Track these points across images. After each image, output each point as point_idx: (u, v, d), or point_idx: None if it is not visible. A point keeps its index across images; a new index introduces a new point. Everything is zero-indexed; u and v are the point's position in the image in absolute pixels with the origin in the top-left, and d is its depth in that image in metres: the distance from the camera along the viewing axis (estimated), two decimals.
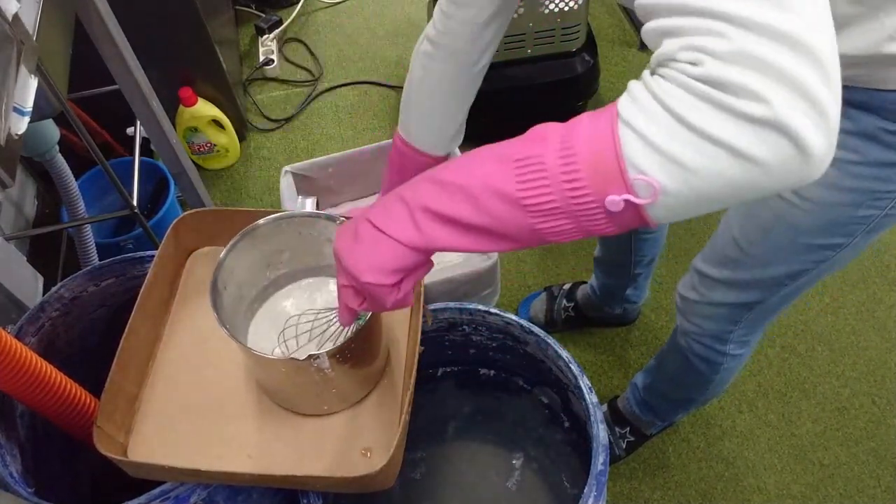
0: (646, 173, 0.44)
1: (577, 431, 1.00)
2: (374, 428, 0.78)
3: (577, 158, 0.46)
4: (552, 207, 0.48)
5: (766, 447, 1.39)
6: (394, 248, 0.53)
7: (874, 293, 1.60)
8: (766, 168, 0.42)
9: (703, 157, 0.43)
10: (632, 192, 0.45)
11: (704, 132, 0.42)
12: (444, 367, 1.06)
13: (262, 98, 2.06)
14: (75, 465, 0.95)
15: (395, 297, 0.56)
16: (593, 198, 0.47)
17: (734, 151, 0.42)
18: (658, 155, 0.44)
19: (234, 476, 0.72)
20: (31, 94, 0.76)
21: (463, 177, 0.51)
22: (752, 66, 0.40)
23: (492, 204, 0.49)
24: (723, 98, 0.41)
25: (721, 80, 0.41)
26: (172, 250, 0.86)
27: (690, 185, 0.44)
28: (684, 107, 0.43)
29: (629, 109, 0.46)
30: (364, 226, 0.55)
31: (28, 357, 0.74)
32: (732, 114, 0.41)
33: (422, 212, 0.52)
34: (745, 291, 0.93)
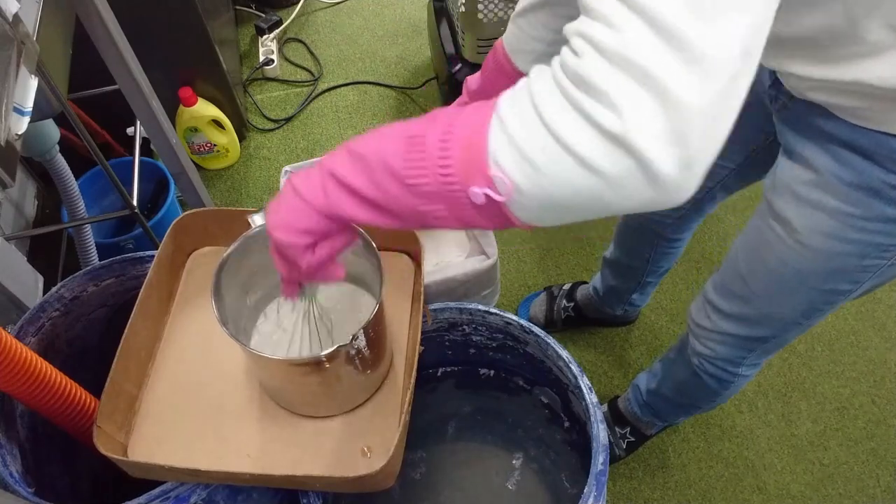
0: (503, 170, 0.45)
1: (577, 431, 1.00)
2: (374, 428, 0.78)
3: (452, 144, 0.47)
4: (429, 190, 0.49)
5: (766, 447, 1.39)
6: (303, 209, 0.54)
7: (874, 293, 1.60)
8: (611, 184, 0.41)
9: (553, 160, 0.42)
10: (492, 187, 0.45)
11: (558, 135, 0.42)
12: (444, 367, 1.06)
13: (262, 98, 2.06)
14: (75, 465, 0.95)
15: (307, 258, 0.57)
16: (460, 186, 0.47)
17: (581, 160, 0.41)
18: (516, 152, 0.44)
19: (234, 476, 0.72)
20: (31, 94, 0.76)
21: (367, 147, 0.51)
22: (626, 69, 0.39)
23: (382, 178, 0.50)
24: (582, 101, 0.40)
25: (590, 79, 0.40)
26: (172, 250, 0.86)
27: (541, 187, 0.44)
28: (547, 105, 0.42)
29: (506, 101, 0.46)
30: (286, 186, 0.57)
31: (28, 357, 0.74)
32: (588, 121, 0.40)
33: (330, 178, 0.53)
34: (757, 327, 0.91)
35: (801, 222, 0.76)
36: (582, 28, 0.41)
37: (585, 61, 0.40)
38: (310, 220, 0.55)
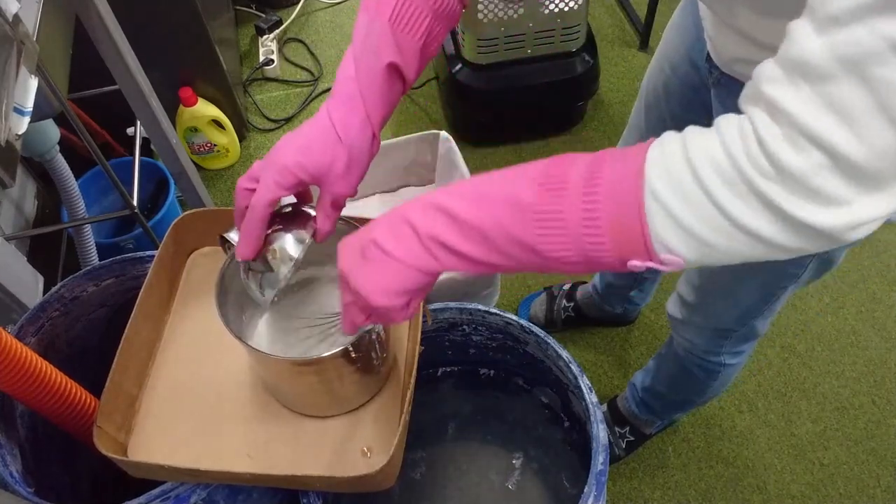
0: (672, 251, 0.44)
1: (577, 431, 1.00)
2: (374, 428, 0.78)
3: (599, 223, 0.45)
4: (572, 259, 0.48)
5: (766, 447, 1.39)
6: (405, 272, 0.52)
7: (874, 293, 1.60)
8: (789, 252, 0.43)
9: (731, 241, 0.43)
10: (657, 261, 0.45)
11: (739, 223, 0.42)
12: (444, 367, 1.06)
13: (262, 98, 2.06)
14: (75, 465, 0.95)
15: (405, 314, 0.55)
16: (615, 260, 0.46)
17: (763, 241, 0.42)
18: (687, 235, 0.43)
19: (234, 476, 0.72)
20: (31, 94, 0.76)
21: (478, 217, 0.49)
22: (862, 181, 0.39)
23: (509, 248, 0.49)
24: (778, 197, 0.40)
25: (813, 184, 0.39)
26: (172, 250, 0.86)
27: (712, 258, 0.45)
28: (721, 191, 0.41)
29: (659, 180, 0.44)
30: (371, 248, 0.53)
31: (28, 357, 0.74)
32: (778, 214, 0.41)
33: (435, 243, 0.50)
34: (720, 317, 0.94)
35: None
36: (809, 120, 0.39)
37: (813, 166, 0.39)
38: (414, 282, 0.53)
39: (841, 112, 0.37)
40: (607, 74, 2.01)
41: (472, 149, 1.86)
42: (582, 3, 1.57)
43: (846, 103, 0.37)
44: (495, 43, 1.64)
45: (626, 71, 2.05)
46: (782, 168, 0.39)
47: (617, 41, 2.15)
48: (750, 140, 0.41)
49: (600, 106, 1.95)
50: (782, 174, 0.40)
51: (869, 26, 0.35)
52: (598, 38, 1.79)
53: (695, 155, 0.43)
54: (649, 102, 1.00)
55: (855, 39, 0.36)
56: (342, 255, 0.56)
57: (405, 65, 0.59)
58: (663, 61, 0.94)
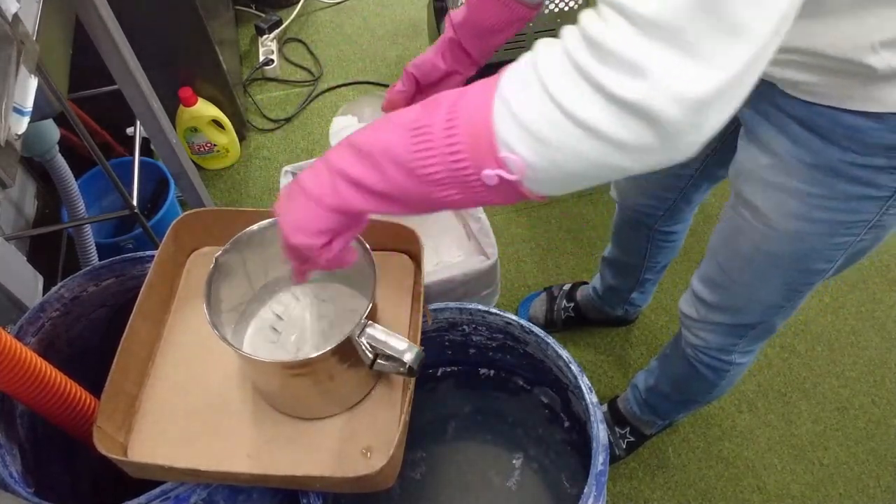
0: (514, 150, 0.45)
1: (577, 431, 1.00)
2: (374, 428, 0.78)
3: (458, 130, 0.47)
4: (440, 178, 0.49)
5: (766, 447, 1.39)
6: (316, 210, 0.55)
7: (874, 293, 1.60)
8: (626, 150, 0.42)
9: (565, 135, 0.43)
10: (504, 167, 0.46)
11: (570, 111, 0.42)
12: (444, 367, 1.06)
13: (262, 98, 2.06)
14: (75, 465, 0.95)
15: (326, 255, 0.58)
16: (472, 170, 0.47)
17: (595, 133, 0.42)
18: (525, 131, 0.44)
19: (234, 476, 0.72)
20: (31, 94, 0.76)
21: (372, 142, 0.52)
22: (658, 36, 0.39)
23: (392, 171, 0.50)
24: (598, 72, 0.40)
25: (613, 46, 0.40)
26: (172, 250, 0.86)
27: (554, 161, 0.44)
28: (556, 80, 0.42)
29: (508, 80, 0.46)
30: (294, 187, 0.57)
31: (28, 357, 0.74)
32: (602, 92, 0.41)
33: (338, 176, 0.53)
34: (742, 314, 0.93)
35: (768, 206, 0.77)
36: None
37: (612, 30, 0.40)
38: (325, 220, 0.55)
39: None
40: None
41: None
42: (582, 3, 1.57)
43: None
44: None
45: None
46: (591, 40, 0.41)
47: None
48: (578, 28, 0.43)
49: None
50: (593, 47, 0.41)
51: None
52: None
53: (539, 52, 0.45)
54: None
55: None
56: (279, 199, 0.59)
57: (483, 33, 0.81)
58: None
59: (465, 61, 0.82)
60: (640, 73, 0.39)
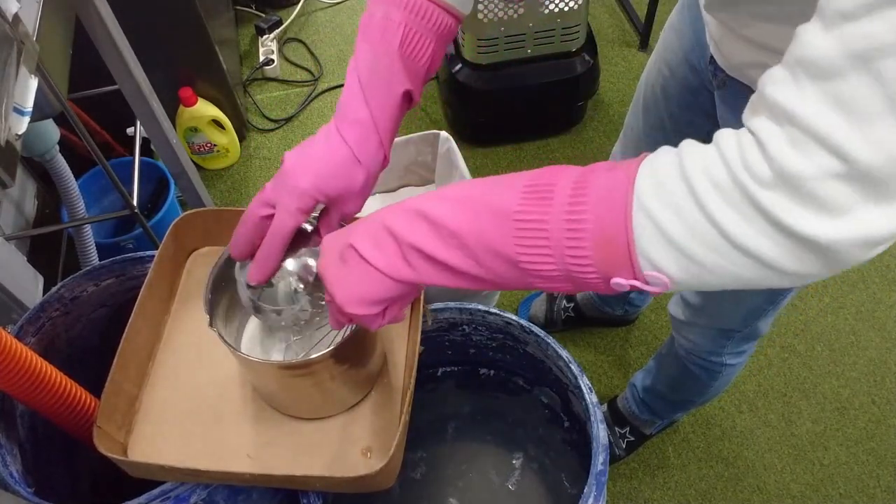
0: (659, 268, 0.41)
1: (577, 431, 1.00)
2: (374, 428, 0.78)
3: (584, 234, 0.42)
4: (554, 275, 0.45)
5: (766, 447, 1.39)
6: (381, 282, 0.50)
7: (874, 293, 1.60)
8: (787, 275, 0.40)
9: (724, 259, 0.39)
10: (643, 280, 0.42)
11: (734, 239, 0.38)
12: (444, 367, 1.06)
13: (262, 98, 2.06)
14: (75, 465, 0.95)
15: (379, 322, 0.54)
16: (598, 276, 0.43)
17: (760, 260, 0.39)
18: (675, 252, 0.40)
19: (234, 476, 0.72)
20: (31, 94, 0.76)
21: (458, 222, 0.46)
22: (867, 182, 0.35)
23: (488, 259, 0.46)
24: (774, 205, 0.37)
25: (812, 189, 0.36)
26: (172, 250, 0.86)
27: (704, 280, 0.41)
28: (718, 206, 0.38)
29: (649, 192, 0.41)
30: (350, 253, 0.51)
31: (28, 357, 0.74)
32: (775, 226, 0.37)
33: (414, 251, 0.48)
34: (724, 318, 0.93)
35: None
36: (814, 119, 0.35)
37: (815, 167, 0.36)
38: (390, 291, 0.51)
39: (848, 109, 0.34)
40: (607, 74, 2.01)
41: (472, 149, 1.86)
42: (582, 3, 1.57)
43: (854, 100, 0.34)
44: (495, 43, 1.64)
45: (626, 71, 2.05)
46: (782, 172, 0.36)
47: (617, 41, 2.15)
48: (749, 148, 0.38)
49: (600, 106, 1.95)
50: (782, 180, 0.37)
51: (881, 18, 0.33)
52: (598, 38, 1.79)
53: (689, 166, 0.40)
54: (647, 103, 1.00)
55: (865, 32, 0.33)
56: (323, 255, 0.55)
57: (415, 89, 0.60)
58: (660, 62, 0.94)
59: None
60: (835, 214, 0.36)
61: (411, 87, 0.59)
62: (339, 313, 0.55)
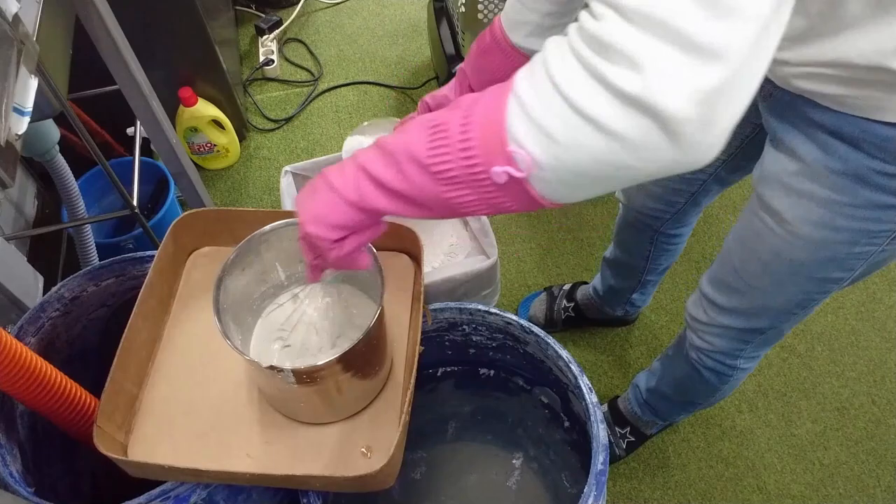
0: (521, 144, 0.45)
1: (577, 431, 1.00)
2: (374, 427, 0.78)
3: (472, 126, 0.47)
4: (453, 175, 0.49)
5: (766, 447, 1.39)
6: (335, 203, 0.55)
7: (874, 293, 1.60)
8: (631, 147, 0.41)
9: (569, 128, 0.42)
10: (513, 164, 0.45)
11: (574, 102, 0.41)
12: (444, 367, 1.06)
13: (262, 98, 2.06)
14: (75, 465, 0.95)
15: (336, 252, 0.58)
16: (482, 168, 0.47)
17: (597, 125, 0.41)
18: (532, 124, 0.44)
19: (234, 476, 0.72)
20: (31, 94, 0.76)
21: (395, 141, 0.52)
22: (647, 27, 0.38)
23: (409, 169, 0.51)
24: (599, 64, 0.40)
25: (609, 40, 0.39)
26: (172, 250, 0.86)
27: (560, 158, 0.44)
28: (562, 73, 0.42)
29: (521, 78, 0.46)
30: (319, 181, 0.57)
31: (28, 357, 0.74)
32: (604, 84, 0.40)
33: (362, 172, 0.54)
34: (754, 319, 0.92)
35: (791, 212, 0.76)
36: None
37: (604, 23, 0.39)
38: (342, 215, 0.56)
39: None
40: None
41: None
42: None
43: None
44: None
45: None
46: (589, 35, 0.40)
47: None
48: (584, 19, 0.42)
49: None
50: (592, 41, 0.40)
51: None
52: None
53: (548, 51, 0.44)
54: None
55: None
56: (301, 190, 0.60)
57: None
58: None
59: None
60: (638, 66, 0.38)
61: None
62: (302, 240, 0.60)
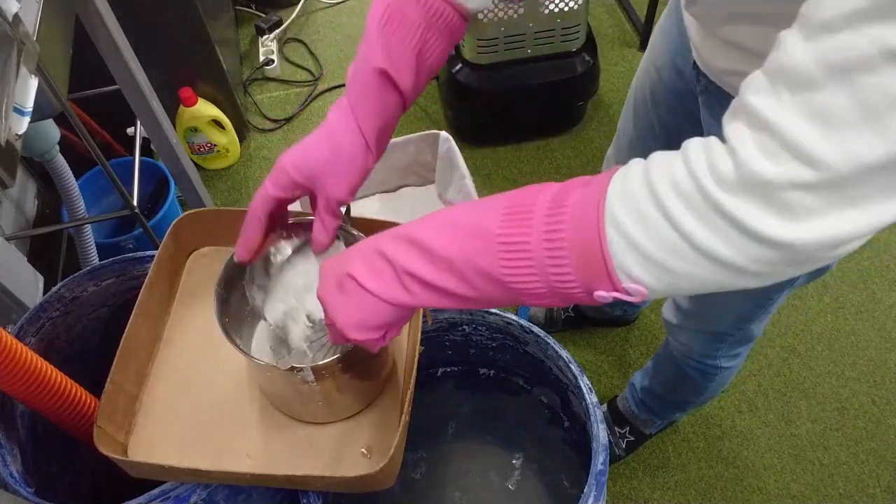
0: (634, 279, 0.42)
1: (577, 431, 1.00)
2: (375, 428, 0.78)
3: (563, 252, 0.44)
4: (541, 292, 0.46)
5: (766, 447, 1.39)
6: (381, 308, 0.52)
7: (874, 293, 1.60)
8: (756, 277, 0.41)
9: (693, 266, 0.41)
10: (622, 291, 0.43)
11: (700, 246, 0.39)
12: (444, 367, 1.06)
13: (262, 98, 2.06)
14: (75, 465, 0.95)
15: (380, 344, 0.56)
16: (581, 290, 0.45)
17: (728, 266, 0.40)
18: (648, 262, 0.42)
19: (234, 476, 0.72)
20: (31, 94, 0.76)
21: (445, 247, 0.48)
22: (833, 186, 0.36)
23: (478, 282, 0.47)
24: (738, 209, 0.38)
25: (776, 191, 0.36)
26: (172, 250, 0.86)
27: (677, 286, 0.43)
28: (678, 210, 0.39)
29: (619, 204, 0.42)
30: (348, 281, 0.53)
31: (28, 357, 0.74)
32: (739, 229, 0.38)
33: (409, 277, 0.50)
34: (714, 323, 0.93)
35: None
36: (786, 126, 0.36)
37: (783, 169, 0.36)
38: (388, 316, 0.52)
39: (823, 120, 0.35)
40: (607, 74, 2.01)
41: (472, 149, 1.86)
42: (582, 3, 1.57)
43: (829, 110, 0.35)
44: (495, 43, 1.64)
45: (626, 71, 2.05)
46: (751, 177, 0.37)
47: (617, 41, 2.15)
48: (717, 153, 0.39)
49: (600, 106, 1.96)
50: (749, 184, 0.37)
51: (861, 32, 0.33)
52: (598, 38, 1.79)
53: (656, 176, 0.41)
54: (637, 108, 0.99)
55: (845, 45, 0.34)
56: (322, 281, 0.56)
57: (396, 71, 0.58)
58: (650, 66, 0.93)
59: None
60: (800, 219, 0.37)
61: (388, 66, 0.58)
62: (339, 337, 0.56)
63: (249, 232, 0.62)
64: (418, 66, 0.59)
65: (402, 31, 0.58)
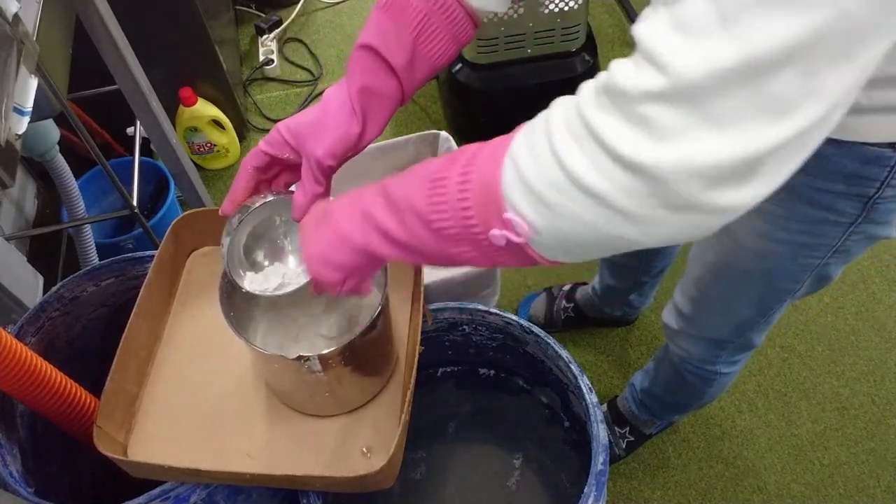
0: (518, 211, 0.42)
1: (577, 431, 1.00)
2: (375, 427, 0.79)
3: (471, 185, 0.45)
4: (454, 233, 0.47)
5: (766, 447, 1.39)
6: (341, 247, 0.55)
7: (874, 293, 1.60)
8: (633, 220, 0.39)
9: (570, 201, 0.40)
10: (510, 229, 0.43)
11: (573, 175, 0.39)
12: (444, 367, 1.06)
13: (262, 98, 2.06)
14: (75, 465, 0.95)
15: (338, 289, 0.58)
16: (481, 229, 0.45)
17: (601, 201, 0.39)
18: (529, 193, 0.41)
19: (234, 476, 0.72)
20: (31, 94, 0.76)
21: (399, 190, 0.50)
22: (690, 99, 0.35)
23: (411, 221, 0.49)
24: (604, 125, 0.37)
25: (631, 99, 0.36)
26: (172, 250, 0.86)
27: (559, 227, 0.42)
28: (563, 140, 0.40)
29: (520, 140, 0.43)
30: (327, 216, 0.57)
31: (28, 357, 0.74)
32: (607, 151, 0.37)
33: (368, 219, 0.52)
34: (716, 329, 0.93)
35: (735, 223, 0.76)
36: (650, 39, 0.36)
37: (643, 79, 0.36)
38: (347, 258, 0.55)
39: (683, 28, 0.35)
40: None
41: None
42: (582, 2, 1.57)
43: (690, 19, 0.34)
44: (495, 43, 1.64)
45: None
46: (614, 92, 0.37)
47: (617, 41, 2.15)
48: (598, 80, 0.39)
49: None
50: (611, 98, 0.37)
51: None
52: (598, 38, 1.79)
53: (553, 109, 0.42)
54: None
55: None
56: (309, 213, 0.60)
57: (386, 49, 0.59)
58: None
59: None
60: (659, 137, 0.36)
61: (379, 44, 0.59)
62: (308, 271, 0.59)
63: (236, 183, 0.67)
64: (415, 48, 0.61)
65: (400, 14, 0.60)
